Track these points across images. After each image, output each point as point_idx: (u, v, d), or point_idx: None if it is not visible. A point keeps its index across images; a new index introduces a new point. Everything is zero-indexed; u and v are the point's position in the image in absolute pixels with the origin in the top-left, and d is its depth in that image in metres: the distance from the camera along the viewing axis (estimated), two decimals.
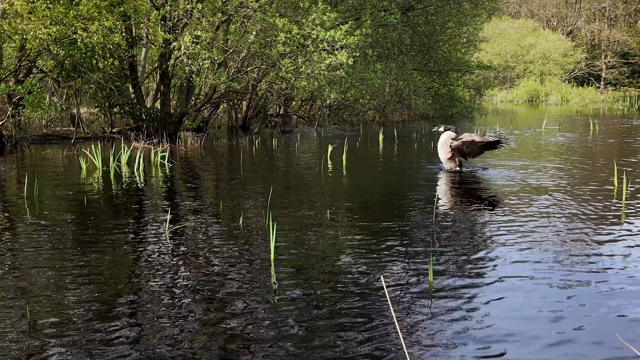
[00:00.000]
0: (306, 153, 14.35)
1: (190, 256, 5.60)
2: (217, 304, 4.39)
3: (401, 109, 26.63)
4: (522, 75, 55.63)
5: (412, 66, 23.23)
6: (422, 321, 4.06)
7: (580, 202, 7.89)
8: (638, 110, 32.91)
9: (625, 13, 72.57)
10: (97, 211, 7.55)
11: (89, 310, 4.27)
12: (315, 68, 14.25)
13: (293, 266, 5.25)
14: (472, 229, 6.59)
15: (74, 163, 12.03)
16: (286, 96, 21.35)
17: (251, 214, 7.28)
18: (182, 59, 14.98)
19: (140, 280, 4.93)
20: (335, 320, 4.08)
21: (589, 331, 3.90)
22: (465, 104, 29.00)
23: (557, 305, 4.33)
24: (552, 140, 17.05)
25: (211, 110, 20.11)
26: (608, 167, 10.92)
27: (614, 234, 6.26)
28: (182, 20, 15.20)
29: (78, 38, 13.20)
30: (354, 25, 15.21)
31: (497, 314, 4.18)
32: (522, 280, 4.85)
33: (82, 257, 5.53)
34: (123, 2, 14.03)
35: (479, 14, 25.60)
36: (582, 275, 4.97)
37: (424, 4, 20.55)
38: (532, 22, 63.70)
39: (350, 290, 4.65)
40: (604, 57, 67.73)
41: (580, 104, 44.15)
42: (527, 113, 35.59)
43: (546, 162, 11.90)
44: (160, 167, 11.59)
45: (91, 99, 18.74)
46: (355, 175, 10.88)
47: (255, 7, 14.03)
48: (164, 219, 6.94)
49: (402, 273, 5.05)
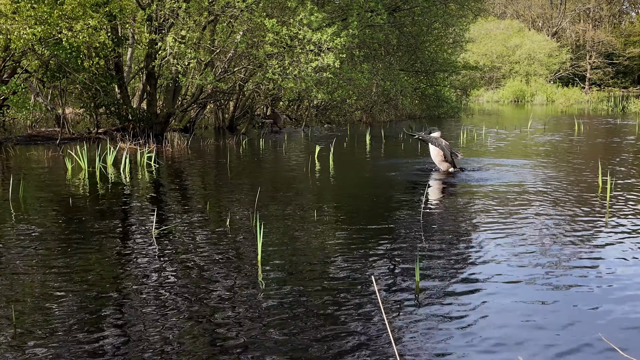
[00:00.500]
0: (293, 153, 14.35)
1: (177, 258, 5.58)
2: (204, 306, 4.38)
3: (388, 109, 26.69)
4: (508, 76, 55.98)
5: (399, 67, 23.29)
6: (411, 322, 4.07)
7: (566, 202, 7.96)
8: (622, 111, 33.25)
9: (610, 14, 73.35)
10: (83, 213, 7.50)
11: (76, 313, 4.24)
12: (302, 69, 14.25)
13: (281, 268, 5.25)
14: (459, 230, 6.63)
15: (60, 164, 11.94)
16: (273, 96, 21.32)
17: (239, 215, 7.26)
18: (168, 59, 14.91)
19: (127, 282, 4.90)
20: (323, 321, 4.08)
21: (574, 332, 3.94)
22: (452, 105, 29.12)
23: (542, 307, 4.37)
24: (538, 140, 17.18)
25: (198, 111, 20.03)
26: (593, 167, 11.02)
27: (599, 236, 6.32)
28: (168, 20, 15.13)
29: (63, 38, 13.09)
30: (340, 25, 15.23)
31: (484, 316, 4.20)
32: (508, 281, 4.89)
33: (68, 259, 5.49)
34: (109, 2, 13.94)
35: (465, 15, 25.71)
36: (568, 277, 5.02)
37: (411, 4, 20.60)
38: (518, 22, 64.12)
39: (338, 291, 4.65)
40: (589, 57, 68.38)
41: (565, 104, 44.51)
42: (513, 113, 35.83)
43: (532, 163, 11.99)
44: (147, 168, 11.53)
45: (76, 99, 18.59)
46: (342, 175, 10.90)
47: (242, 7, 14.00)
48: (151, 220, 6.91)
49: (390, 274, 5.06)
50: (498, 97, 52.88)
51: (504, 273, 5.07)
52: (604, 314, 4.22)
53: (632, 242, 6.02)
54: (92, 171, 10.79)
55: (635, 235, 6.25)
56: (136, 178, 10.37)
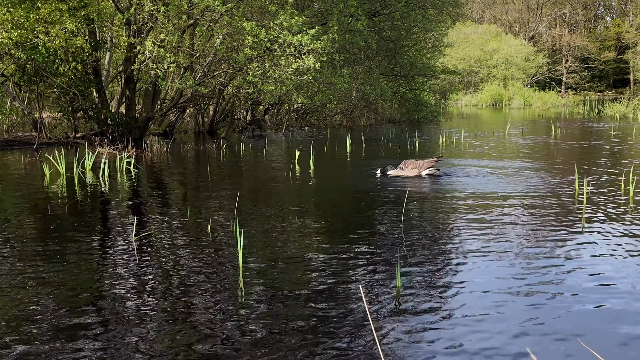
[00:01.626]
0: (274, 158, 14.35)
1: (157, 264, 5.55)
2: (185, 313, 4.36)
3: (368, 113, 26.81)
4: (486, 80, 56.55)
5: (378, 71, 23.41)
6: (394, 327, 4.10)
7: (543, 206, 8.07)
8: (598, 114, 33.76)
9: (585, 19, 74.54)
10: (61, 219, 7.42)
11: (54, 321, 4.19)
12: (283, 72, 14.26)
13: (262, 273, 5.25)
14: (439, 234, 6.68)
15: (37, 169, 11.80)
16: (253, 100, 21.29)
17: (219, 220, 7.24)
18: (147, 63, 14.82)
19: (107, 289, 4.86)
20: (303, 327, 4.09)
21: (551, 334, 4.00)
22: (431, 108, 29.35)
23: (522, 312, 4.43)
24: (516, 143, 17.38)
25: (177, 115, 19.94)
26: (570, 171, 11.18)
27: (575, 239, 6.42)
28: (147, 24, 15.05)
29: (39, 42, 12.95)
30: (320, 30, 15.28)
31: (463, 320, 4.25)
32: (487, 284, 4.95)
33: (46, 266, 5.43)
34: (86, 6, 13.82)
35: (444, 20, 25.94)
36: (545, 282, 5.09)
37: (390, 9, 20.75)
38: (495, 27, 64.84)
39: (320, 296, 4.67)
40: (565, 61, 69.36)
41: (542, 108, 45.07)
42: (491, 117, 36.20)
43: (510, 166, 12.12)
44: (126, 173, 11.44)
45: (54, 103, 18.39)
46: (323, 180, 10.92)
47: (221, 10, 13.97)
48: (131, 226, 6.86)
49: (370, 279, 5.09)
50: (476, 100, 53.36)
51: (484, 276, 5.13)
52: (582, 318, 4.29)
53: (607, 245, 6.12)
54: (71, 177, 10.68)
55: (610, 238, 6.35)
56: (115, 183, 10.28)
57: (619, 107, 33.45)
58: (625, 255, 5.75)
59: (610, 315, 4.33)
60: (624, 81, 72.92)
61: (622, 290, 4.81)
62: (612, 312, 4.38)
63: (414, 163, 10.91)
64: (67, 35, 13.04)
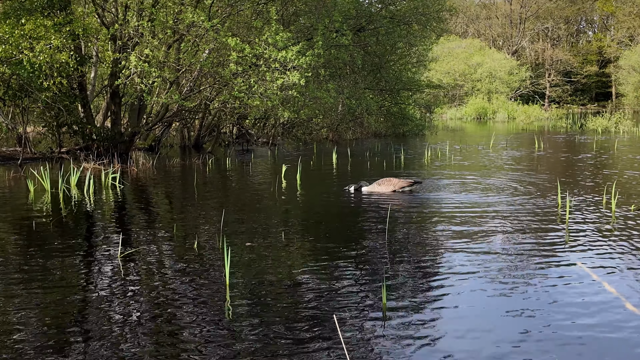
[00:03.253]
0: (260, 173, 14.36)
1: (143, 281, 5.54)
2: (172, 331, 4.36)
3: (354, 127, 26.94)
4: (470, 93, 57.08)
5: (364, 85, 23.55)
6: (374, 349, 4.13)
7: (526, 221, 8.16)
8: (580, 128, 34.17)
9: (568, 33, 75.65)
10: (45, 236, 7.38)
11: (39, 338, 4.17)
12: (268, 87, 14.32)
13: (248, 290, 5.26)
14: (424, 250, 6.73)
15: (21, 185, 11.72)
16: (239, 115, 21.32)
17: (206, 237, 7.25)
18: (132, 78, 14.82)
19: (92, 307, 4.85)
20: (290, 345, 4.11)
21: (530, 352, 4.05)
22: (416, 122, 29.54)
23: (507, 329, 4.49)
24: (500, 157, 17.55)
25: (163, 129, 19.91)
26: (552, 184, 11.31)
27: (558, 254, 6.50)
28: (132, 39, 15.06)
29: (24, 58, 12.91)
30: (305, 45, 15.38)
31: (447, 336, 4.29)
32: (472, 301, 5.00)
33: (31, 283, 5.40)
34: (71, 21, 13.82)
35: (428, 36, 26.21)
36: (528, 298, 5.15)
37: (375, 25, 20.94)
38: (479, 41, 65.59)
39: (306, 314, 4.69)
40: (548, 75, 70.25)
41: (525, 122, 45.52)
42: (476, 130, 36.51)
43: (494, 179, 12.24)
44: (111, 188, 11.40)
45: (39, 118, 18.27)
46: (309, 195, 10.96)
47: (207, 26, 14.03)
48: (116, 242, 6.84)
49: (355, 296, 5.12)
50: (461, 114, 53.80)
51: (467, 294, 5.18)
52: (563, 334, 4.35)
53: (589, 258, 6.21)
54: (55, 192, 10.62)
55: (592, 251, 6.44)
56: (101, 199, 10.24)
57: (601, 121, 33.89)
58: (608, 270, 5.83)
59: (591, 332, 4.39)
60: (606, 94, 74.01)
61: (606, 304, 4.88)
62: (591, 329, 4.45)
63: (390, 181, 10.92)
64: (52, 51, 13.02)
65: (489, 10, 76.25)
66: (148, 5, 14.72)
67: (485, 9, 76.96)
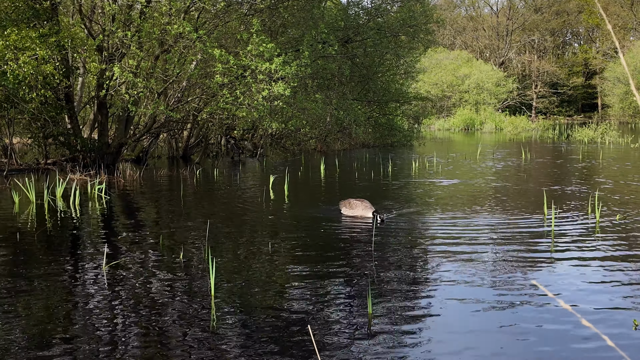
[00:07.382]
0: (248, 184, 14.34)
1: (129, 293, 5.50)
2: (157, 342, 4.33)
3: (342, 138, 26.99)
4: (458, 105, 57.43)
5: (352, 96, 23.64)
6: (365, 351, 4.12)
7: (512, 232, 8.20)
8: (567, 139, 34.44)
9: (554, 45, 76.43)
10: (30, 248, 7.31)
11: (22, 353, 4.12)
12: (255, 99, 14.33)
13: (233, 302, 5.24)
14: (410, 261, 6.74)
15: (6, 197, 11.62)
16: (227, 125, 21.31)
17: (192, 248, 7.21)
18: (118, 89, 14.78)
19: (77, 318, 4.80)
20: (271, 356, 4.09)
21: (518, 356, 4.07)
22: (404, 133, 29.64)
23: (491, 344, 4.49)
24: (487, 167, 17.64)
25: (151, 140, 19.84)
26: (539, 195, 11.38)
27: (544, 266, 6.54)
28: (119, 50, 15.04)
29: (8, 69, 12.84)
30: (292, 55, 15.43)
31: (433, 349, 4.29)
32: (456, 314, 5.01)
33: (14, 296, 5.34)
34: (58, 32, 13.78)
35: (416, 47, 26.38)
36: (514, 305, 5.17)
37: (362, 36, 21.06)
38: (466, 53, 66.09)
39: (291, 325, 4.67)
40: (535, 87, 70.86)
41: (513, 132, 45.82)
42: (464, 141, 36.71)
43: (481, 190, 12.29)
44: (98, 200, 11.33)
45: (25, 129, 18.15)
46: (297, 206, 10.95)
47: (193, 37, 14.04)
48: (102, 254, 6.79)
49: (341, 307, 5.11)
50: (449, 125, 54.07)
51: (454, 309, 5.19)
52: (548, 343, 4.37)
53: (574, 270, 6.25)
54: (41, 204, 10.53)
55: (577, 263, 6.48)
56: (87, 211, 10.17)
57: (587, 132, 34.20)
58: (593, 279, 5.87)
59: (577, 344, 4.41)
60: (592, 106, 74.71)
61: (593, 315, 4.91)
62: (578, 337, 4.47)
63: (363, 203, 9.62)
64: (37, 62, 12.96)
65: (476, 22, 76.97)
66: (135, 17, 14.72)
67: (472, 21, 77.66)
